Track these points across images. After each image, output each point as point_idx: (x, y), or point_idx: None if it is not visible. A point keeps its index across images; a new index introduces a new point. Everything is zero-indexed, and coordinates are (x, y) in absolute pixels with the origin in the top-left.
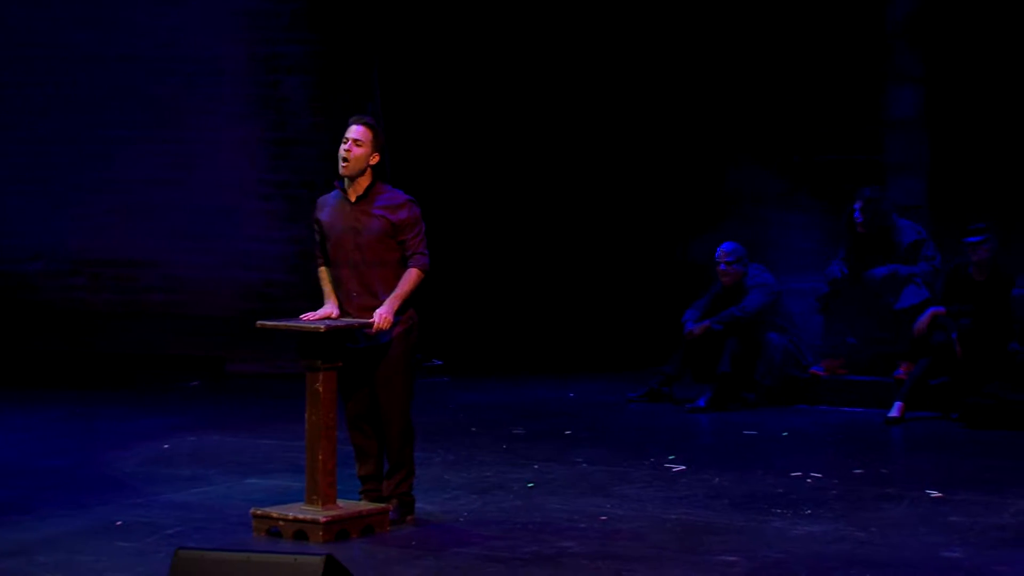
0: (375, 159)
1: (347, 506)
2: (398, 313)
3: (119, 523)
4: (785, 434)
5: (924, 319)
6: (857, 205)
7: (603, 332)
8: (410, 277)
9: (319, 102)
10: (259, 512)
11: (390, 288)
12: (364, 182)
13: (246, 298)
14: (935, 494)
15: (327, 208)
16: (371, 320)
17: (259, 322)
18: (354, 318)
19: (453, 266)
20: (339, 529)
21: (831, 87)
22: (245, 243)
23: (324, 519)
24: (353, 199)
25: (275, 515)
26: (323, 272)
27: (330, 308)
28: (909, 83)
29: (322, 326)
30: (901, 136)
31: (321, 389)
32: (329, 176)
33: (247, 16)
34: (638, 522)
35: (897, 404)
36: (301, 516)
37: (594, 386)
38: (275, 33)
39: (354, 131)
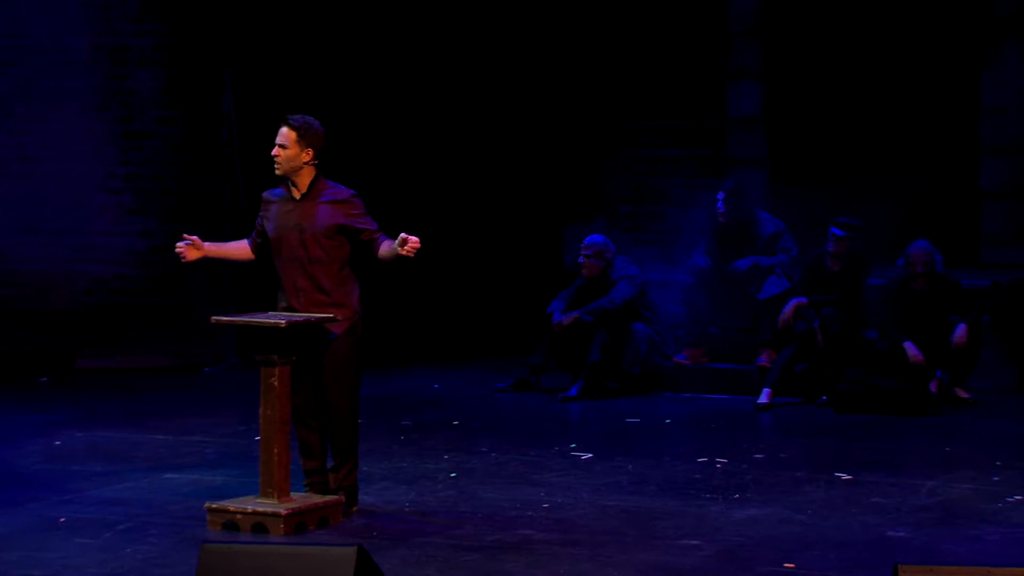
0: (308, 155)
1: (302, 499)
2: (335, 306)
3: (62, 520)
4: (668, 421)
5: (788, 309)
6: (720, 196)
7: (453, 323)
8: (386, 246)
9: (169, 95)
10: (214, 506)
11: (336, 283)
12: (306, 179)
13: (94, 292)
14: (845, 476)
15: (273, 204)
16: (330, 316)
17: (214, 318)
18: (305, 313)
19: None
20: (298, 521)
21: (674, 83)
22: (93, 237)
23: (285, 512)
24: (297, 197)
25: (232, 508)
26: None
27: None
28: (750, 80)
29: (283, 322)
30: (743, 131)
31: (277, 384)
32: (180, 169)
33: (94, 7)
34: (581, 509)
35: (766, 391)
36: (260, 509)
37: (453, 377)
38: (123, 25)
39: (279, 135)
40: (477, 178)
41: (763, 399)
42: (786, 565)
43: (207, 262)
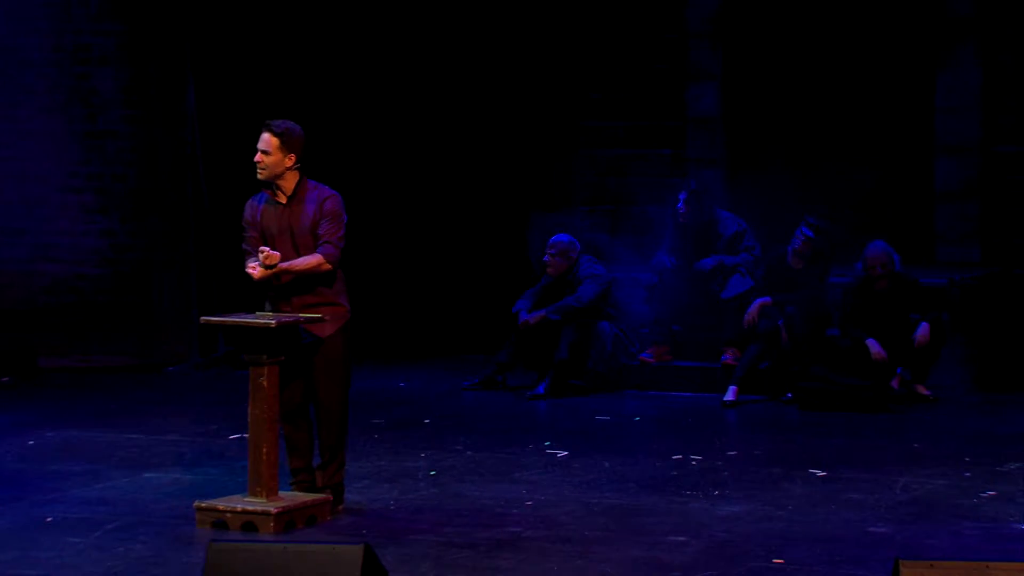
0: (291, 160)
1: (290, 497)
2: (327, 305)
3: (49, 519)
4: (637, 419)
5: (753, 309)
6: (681, 196)
7: (415, 321)
8: (311, 259)
9: (131, 94)
10: (203, 505)
11: (328, 283)
12: (291, 183)
13: (56, 291)
14: (820, 473)
15: (260, 211)
16: (310, 315)
17: (203, 318)
18: (295, 314)
19: None
20: (287, 520)
21: (634, 84)
22: (55, 236)
23: (276, 510)
24: (284, 201)
25: (221, 507)
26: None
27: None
28: (708, 81)
29: (273, 322)
30: (701, 132)
31: (265, 383)
32: (142, 168)
33: (55, 7)
34: (566, 506)
35: (732, 388)
36: (250, 508)
37: (418, 375)
38: (83, 24)
39: (261, 141)
40: (441, 177)
41: (730, 396)
42: (775, 561)
43: (168, 257)
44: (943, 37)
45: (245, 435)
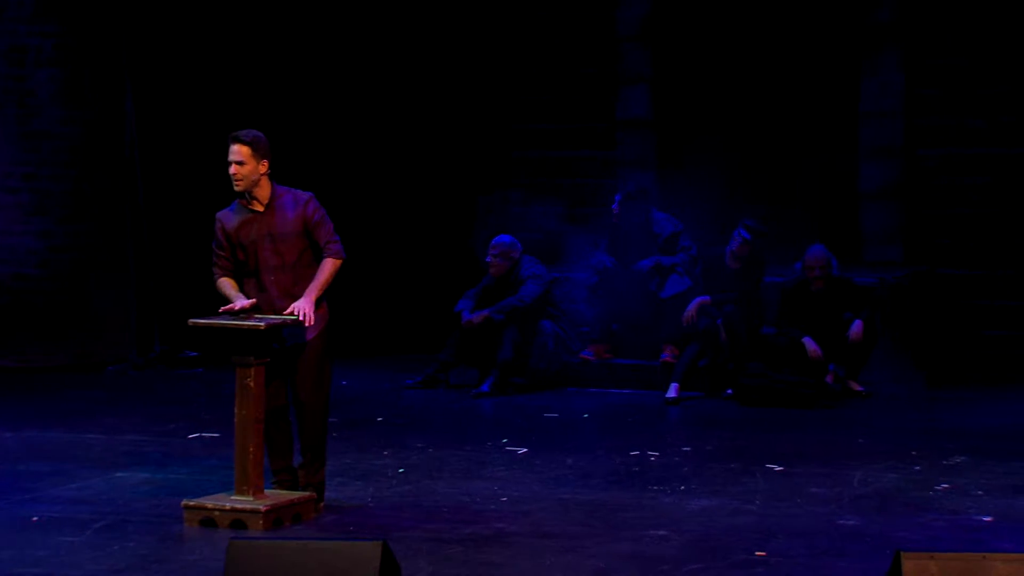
0: (264, 167)
1: (275, 495)
2: (317, 307)
3: (35, 519)
4: (586, 416)
5: (692, 308)
6: (617, 198)
7: (351, 321)
8: (325, 267)
9: (67, 95)
10: (192, 503)
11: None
12: (265, 191)
13: None
14: (778, 468)
15: (234, 222)
16: (294, 315)
17: (191, 320)
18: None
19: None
20: (275, 517)
21: (565, 87)
22: None
23: (264, 508)
24: (260, 209)
25: (209, 505)
26: (224, 281)
27: (244, 301)
28: (638, 83)
29: (262, 324)
30: (632, 134)
31: (252, 384)
32: (80, 169)
33: None
34: (540, 502)
35: (674, 385)
36: (239, 506)
37: (357, 374)
38: (19, 25)
39: (233, 152)
40: (379, 176)
41: (671, 393)
42: (757, 554)
43: (105, 258)
44: (867, 43)
45: (204, 434)
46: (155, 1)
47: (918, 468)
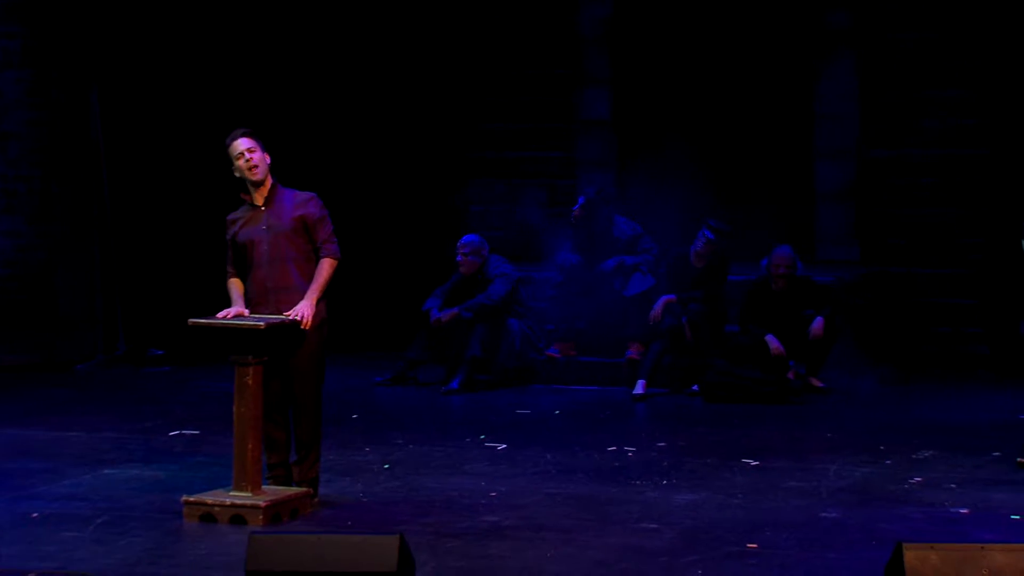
0: (268, 158)
1: (273, 491)
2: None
3: (35, 515)
4: (557, 412)
5: (658, 307)
6: (580, 200)
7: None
8: (324, 267)
9: (34, 96)
10: (191, 499)
11: (307, 279)
12: (267, 184)
13: None
14: (753, 463)
15: (240, 220)
16: (295, 317)
17: (191, 320)
18: (277, 314)
19: (173, 253)
20: (274, 513)
21: (526, 88)
22: None
23: (264, 504)
24: (261, 203)
25: (209, 501)
26: (232, 282)
27: (240, 308)
28: (599, 85)
29: (262, 323)
30: (592, 135)
31: (251, 382)
32: (46, 169)
33: None
34: (529, 497)
35: (640, 382)
36: (239, 502)
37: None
38: None
39: (244, 143)
40: (346, 176)
41: (638, 390)
42: (749, 546)
43: (72, 258)
44: (822, 47)
45: (184, 432)
46: (121, 2)
47: (889, 462)
